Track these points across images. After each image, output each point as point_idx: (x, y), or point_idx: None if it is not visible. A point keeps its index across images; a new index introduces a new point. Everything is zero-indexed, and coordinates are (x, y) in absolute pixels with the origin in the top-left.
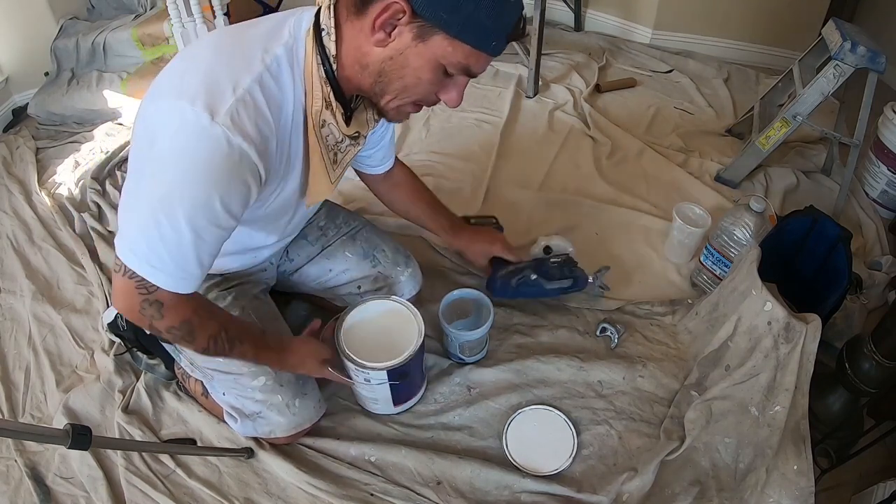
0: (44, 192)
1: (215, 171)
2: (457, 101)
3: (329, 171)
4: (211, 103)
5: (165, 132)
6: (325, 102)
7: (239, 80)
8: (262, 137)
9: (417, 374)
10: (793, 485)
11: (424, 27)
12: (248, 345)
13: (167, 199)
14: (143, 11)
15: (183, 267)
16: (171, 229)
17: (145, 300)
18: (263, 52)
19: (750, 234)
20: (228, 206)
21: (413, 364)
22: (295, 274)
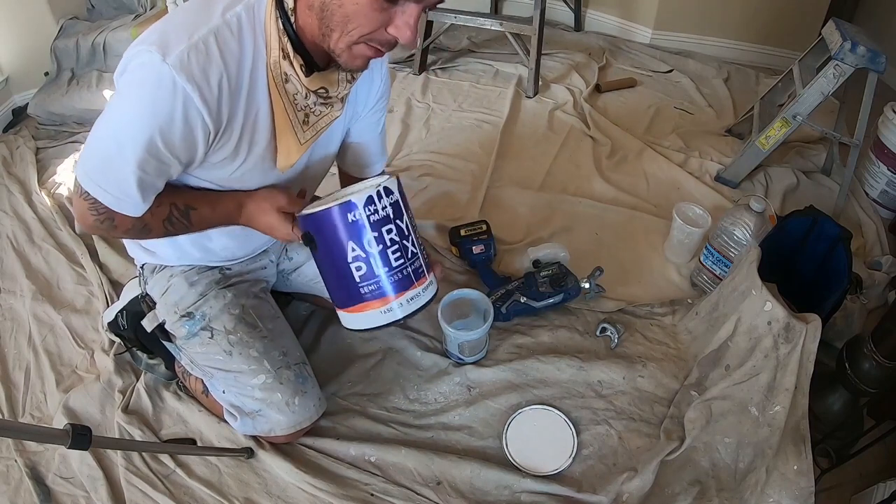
0: (44, 192)
1: (157, 108)
2: (409, 37)
3: (297, 129)
4: (164, 45)
5: (125, 70)
6: (283, 53)
7: (196, 30)
8: (209, 83)
9: (336, 258)
10: (793, 485)
11: None
12: (203, 206)
13: (115, 127)
14: (143, 11)
15: (125, 191)
16: (118, 155)
17: (97, 218)
18: (224, 9)
19: (750, 234)
20: (170, 144)
21: (321, 233)
22: (294, 273)
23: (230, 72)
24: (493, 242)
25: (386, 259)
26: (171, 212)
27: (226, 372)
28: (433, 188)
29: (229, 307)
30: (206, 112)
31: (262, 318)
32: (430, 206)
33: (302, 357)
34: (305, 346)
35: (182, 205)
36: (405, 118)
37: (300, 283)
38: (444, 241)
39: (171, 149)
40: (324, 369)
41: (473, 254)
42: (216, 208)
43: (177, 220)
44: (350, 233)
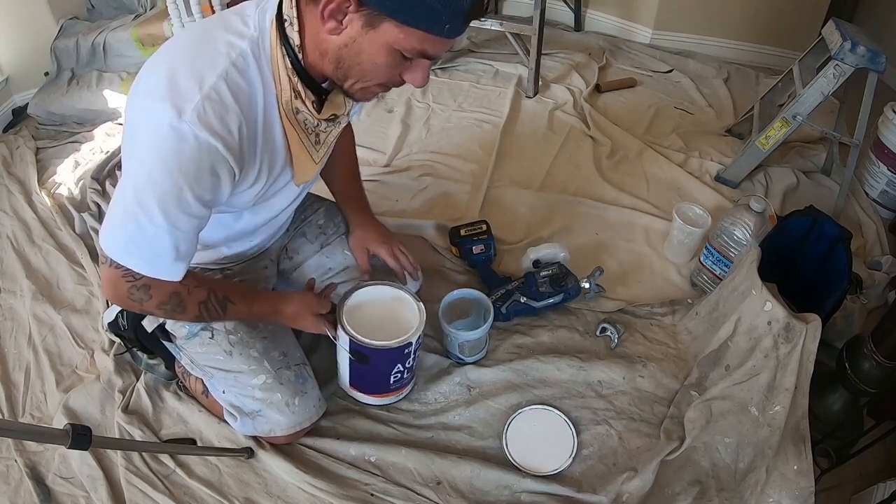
0: (44, 192)
1: (184, 165)
2: (421, 82)
3: (311, 152)
4: (178, 102)
5: (139, 130)
6: (294, 92)
7: (205, 78)
8: (230, 131)
9: (381, 371)
10: (793, 485)
11: (372, 14)
12: (241, 303)
13: (142, 193)
14: (143, 11)
15: (160, 254)
16: (147, 220)
17: (132, 286)
18: (228, 48)
19: (750, 234)
20: (200, 196)
21: (378, 357)
22: (294, 272)
23: (245, 113)
24: (493, 242)
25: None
26: (209, 297)
27: (226, 372)
28: (433, 188)
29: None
30: (231, 158)
31: None
32: (430, 206)
33: (302, 358)
34: (305, 347)
35: (221, 295)
36: (405, 118)
37: (300, 281)
38: (444, 241)
39: (201, 201)
40: (324, 369)
41: (473, 254)
42: (252, 308)
43: (213, 307)
44: (400, 358)
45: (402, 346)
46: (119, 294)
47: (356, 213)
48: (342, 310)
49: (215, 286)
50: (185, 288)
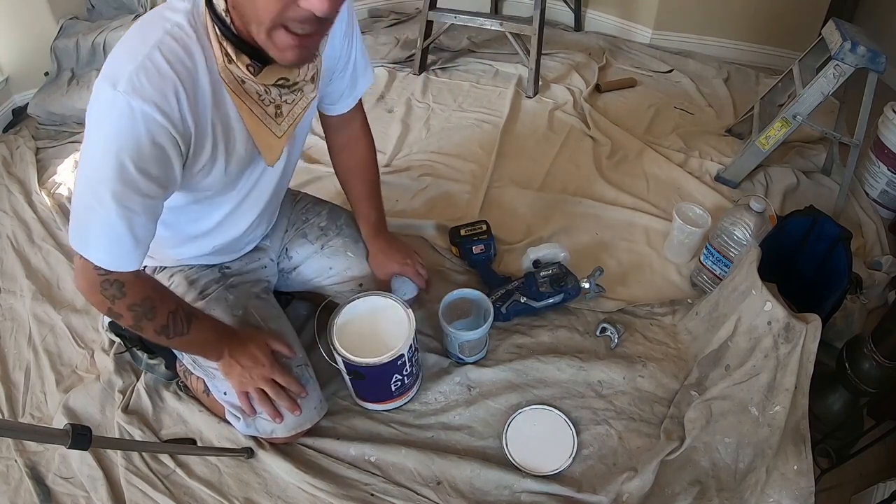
0: (44, 192)
1: (122, 138)
2: (318, 3)
3: (271, 125)
4: (112, 75)
5: (88, 116)
6: (227, 58)
7: (138, 50)
8: (166, 98)
9: (380, 382)
10: (793, 485)
11: None
12: (205, 321)
13: (90, 179)
14: (142, 11)
15: (117, 242)
16: (99, 205)
17: (105, 280)
18: (162, 21)
19: (750, 234)
20: (144, 170)
21: (373, 373)
22: (294, 272)
23: (185, 83)
24: (493, 242)
25: (413, 367)
26: (178, 308)
27: None
28: (433, 188)
29: (232, 309)
30: (170, 127)
31: (265, 320)
32: (430, 206)
33: (304, 359)
34: (305, 346)
35: (188, 308)
36: (405, 118)
37: (299, 281)
38: (444, 241)
39: (147, 175)
40: (324, 369)
41: (473, 254)
42: (216, 328)
43: (181, 319)
44: (395, 369)
45: (394, 359)
46: (91, 287)
47: (375, 236)
48: (333, 330)
49: (182, 300)
50: (158, 294)
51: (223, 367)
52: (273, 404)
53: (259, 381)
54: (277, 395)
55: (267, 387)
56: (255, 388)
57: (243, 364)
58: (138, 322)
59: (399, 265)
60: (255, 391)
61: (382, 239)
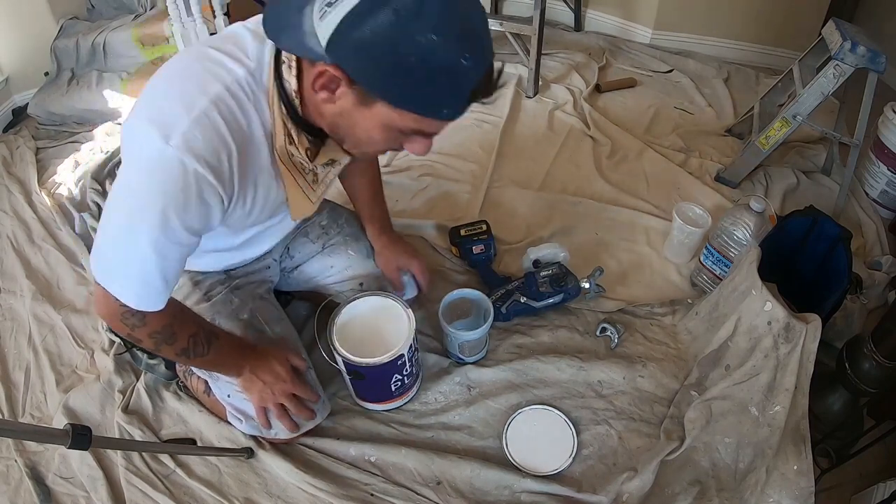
0: (44, 192)
1: (171, 194)
2: (422, 152)
3: (307, 191)
4: (165, 126)
5: (128, 152)
6: (287, 137)
7: (195, 102)
8: (219, 159)
9: (380, 382)
10: (793, 485)
11: (365, 94)
12: (224, 340)
13: (128, 226)
14: (143, 11)
15: (148, 285)
16: (135, 252)
17: (127, 311)
18: (223, 72)
19: (750, 234)
20: (188, 225)
21: (373, 373)
22: (295, 271)
23: (238, 143)
24: (493, 242)
25: (412, 367)
26: (198, 330)
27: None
28: (433, 188)
29: (238, 312)
30: (219, 186)
31: (268, 323)
32: (430, 206)
33: (308, 361)
34: (306, 346)
35: (209, 329)
36: None
37: (301, 280)
38: (444, 241)
39: (189, 229)
40: (324, 369)
41: (473, 254)
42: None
43: (200, 340)
44: (395, 369)
45: (394, 359)
46: (112, 315)
47: (381, 234)
48: (333, 330)
49: (203, 322)
50: (178, 319)
51: (243, 382)
52: (290, 417)
53: (280, 397)
54: (298, 410)
55: (288, 402)
56: (275, 403)
57: (265, 380)
58: (158, 346)
59: (406, 259)
60: (274, 407)
61: (387, 236)
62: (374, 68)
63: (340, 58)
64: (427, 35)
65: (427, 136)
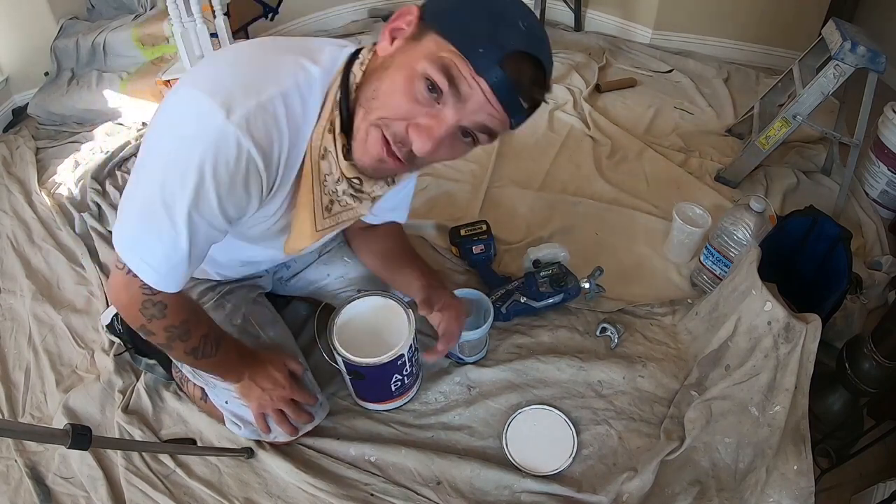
0: (44, 192)
1: (220, 171)
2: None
3: (316, 212)
4: (228, 101)
5: (176, 120)
6: (330, 125)
7: (264, 88)
8: (273, 151)
9: (380, 382)
10: (793, 485)
11: (423, 28)
12: (231, 342)
13: (169, 194)
14: (143, 11)
15: (174, 265)
16: (170, 224)
17: (149, 300)
18: (297, 68)
19: (750, 234)
20: (225, 208)
21: (373, 372)
22: (293, 279)
23: (291, 140)
24: (493, 242)
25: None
26: (210, 331)
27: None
28: (433, 188)
29: (231, 317)
30: (265, 177)
31: (263, 327)
32: (430, 206)
33: (304, 364)
34: (305, 346)
35: (219, 331)
36: None
37: (299, 287)
38: (444, 241)
39: (224, 213)
40: (324, 369)
41: (473, 254)
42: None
43: (210, 340)
44: (395, 369)
45: (395, 358)
46: (131, 303)
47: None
48: (333, 330)
49: (213, 322)
50: (194, 316)
51: (241, 389)
52: (289, 421)
53: (279, 403)
54: (297, 415)
55: (287, 408)
56: (274, 409)
57: (263, 387)
58: (170, 342)
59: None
60: (273, 412)
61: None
62: (445, 3)
63: (425, 3)
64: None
65: (447, 80)
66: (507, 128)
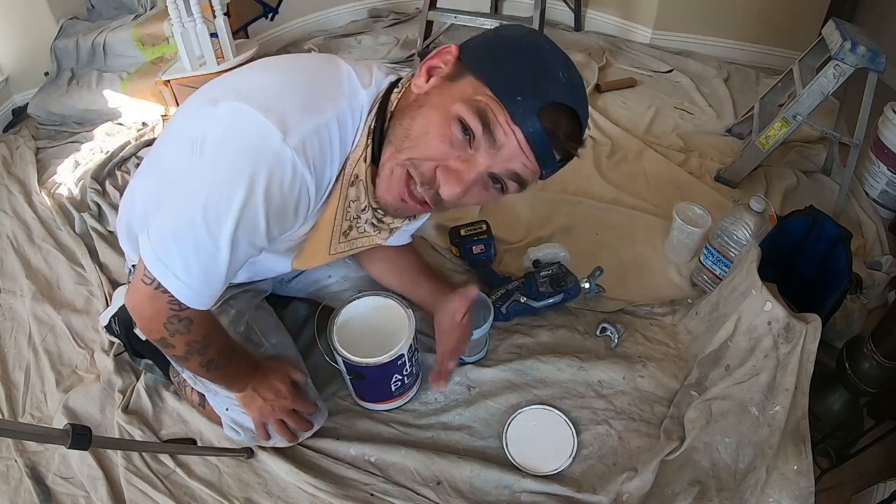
0: (44, 192)
1: (272, 194)
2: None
3: (334, 236)
4: (284, 120)
5: (223, 136)
6: (364, 155)
7: (321, 108)
8: (324, 176)
9: (380, 382)
10: (793, 485)
11: (460, 69)
12: (241, 354)
13: (213, 212)
14: (143, 11)
15: (209, 283)
16: (211, 242)
17: (175, 315)
18: (351, 93)
19: (750, 234)
20: (270, 230)
21: (373, 372)
22: (294, 280)
23: (340, 162)
24: (493, 242)
25: (412, 367)
26: (225, 342)
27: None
28: None
29: (235, 324)
30: (314, 202)
31: (265, 334)
32: None
33: (306, 374)
34: (305, 346)
35: (233, 343)
36: None
37: (299, 288)
38: (444, 241)
39: (268, 234)
40: (324, 369)
41: (473, 254)
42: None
43: (225, 352)
44: (395, 368)
45: (395, 358)
46: (156, 316)
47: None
48: (333, 330)
49: (227, 334)
50: (214, 329)
51: (244, 398)
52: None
53: (280, 413)
54: (297, 424)
55: (288, 418)
56: (275, 419)
57: (266, 397)
58: (188, 356)
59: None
60: (275, 423)
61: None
62: (486, 46)
63: (465, 44)
64: (549, 45)
65: (483, 126)
66: (537, 178)
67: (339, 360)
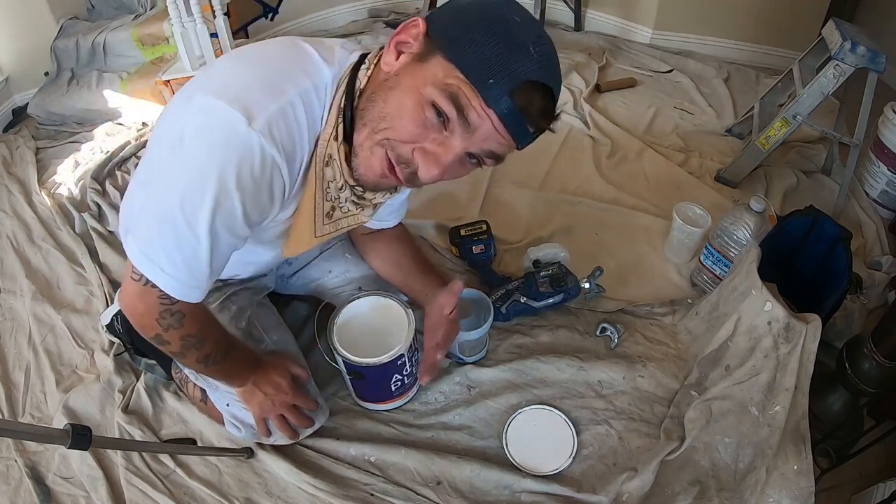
0: (44, 192)
1: (244, 180)
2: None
3: (317, 219)
4: (249, 107)
5: (195, 131)
6: (335, 133)
7: (283, 89)
8: (295, 154)
9: (380, 382)
10: (793, 485)
11: (429, 47)
12: (240, 348)
13: (189, 204)
14: (143, 11)
15: (195, 275)
16: (190, 234)
17: (167, 309)
18: (313, 69)
19: (750, 234)
20: (249, 216)
21: (373, 372)
22: (294, 276)
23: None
24: (493, 242)
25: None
26: (221, 336)
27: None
28: (433, 188)
29: (236, 320)
30: (287, 182)
31: (267, 331)
32: (430, 206)
33: (307, 371)
34: (305, 346)
35: (229, 337)
36: None
37: (300, 285)
38: (444, 241)
39: (248, 221)
40: (324, 369)
41: (473, 254)
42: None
43: (222, 347)
44: (395, 369)
45: (395, 358)
46: (148, 312)
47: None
48: (333, 330)
49: (224, 329)
50: (209, 324)
51: (244, 393)
52: (290, 426)
53: (280, 409)
54: (298, 420)
55: (289, 414)
56: (275, 415)
57: (266, 392)
58: (185, 350)
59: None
60: (275, 418)
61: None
62: (453, 21)
63: (431, 17)
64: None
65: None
66: (512, 150)
67: (339, 360)
